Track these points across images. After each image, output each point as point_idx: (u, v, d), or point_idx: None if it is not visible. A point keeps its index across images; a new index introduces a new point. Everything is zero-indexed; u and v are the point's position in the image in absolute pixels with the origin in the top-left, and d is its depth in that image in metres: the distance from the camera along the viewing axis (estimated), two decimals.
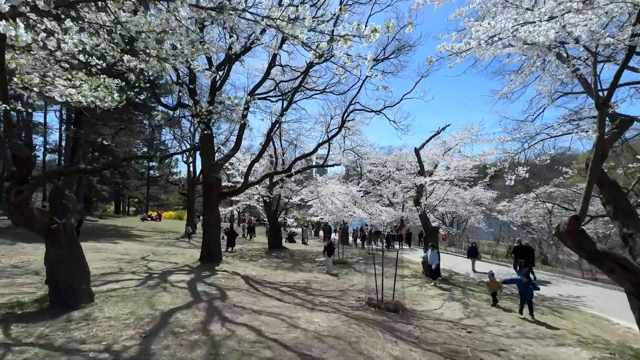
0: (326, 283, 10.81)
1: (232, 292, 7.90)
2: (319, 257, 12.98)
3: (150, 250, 14.86)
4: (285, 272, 12.28)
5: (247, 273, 11.13)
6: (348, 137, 19.25)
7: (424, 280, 11.94)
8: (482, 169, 12.86)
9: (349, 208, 19.68)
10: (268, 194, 17.50)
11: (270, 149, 19.77)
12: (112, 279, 8.03)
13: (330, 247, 13.26)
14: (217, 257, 12.39)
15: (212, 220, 12.17)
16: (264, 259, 15.68)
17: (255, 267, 12.99)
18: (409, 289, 10.60)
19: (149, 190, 43.18)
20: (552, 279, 13.52)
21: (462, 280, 12.79)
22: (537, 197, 18.78)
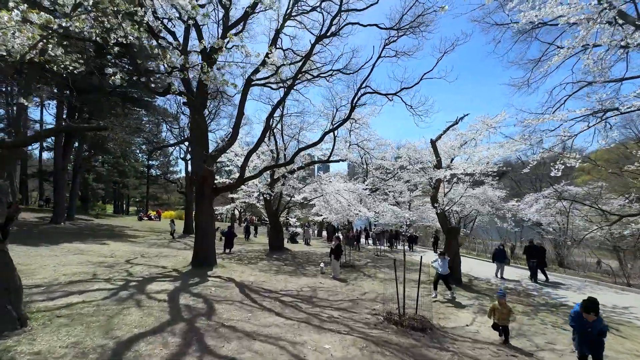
0: (334, 291, 9.29)
1: (222, 306, 6.39)
2: (323, 263, 11.46)
3: (140, 252, 13.39)
4: (287, 277, 10.76)
5: (244, 279, 9.62)
6: (354, 131, 17.74)
7: (444, 288, 10.38)
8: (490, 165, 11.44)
9: (354, 207, 18.18)
10: (269, 192, 16.00)
11: (271, 144, 18.31)
12: (77, 289, 6.53)
13: (338, 250, 11.73)
14: (211, 260, 10.89)
15: (205, 219, 10.68)
16: (264, 261, 14.16)
17: (254, 271, 11.48)
18: (427, 298, 9.05)
19: (148, 189, 41.80)
20: (584, 285, 11.93)
21: (485, 286, 11.22)
22: (560, 195, 17.20)
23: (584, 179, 34.60)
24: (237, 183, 10.44)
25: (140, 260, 11.32)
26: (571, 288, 11.39)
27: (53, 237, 15.14)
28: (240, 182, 10.38)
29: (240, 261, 13.61)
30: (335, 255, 11.60)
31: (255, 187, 16.20)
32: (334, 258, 11.59)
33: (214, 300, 6.74)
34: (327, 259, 15.61)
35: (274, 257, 15.49)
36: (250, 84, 11.46)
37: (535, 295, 10.25)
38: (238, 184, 10.58)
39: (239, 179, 10.29)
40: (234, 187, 10.93)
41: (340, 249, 11.88)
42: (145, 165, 40.78)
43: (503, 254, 12.39)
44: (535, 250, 12.29)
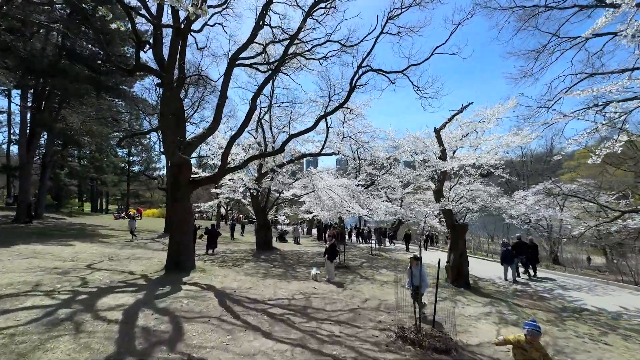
0: (330, 298, 7.95)
1: (193, 326, 4.94)
2: (315, 269, 10.12)
3: (109, 254, 11.68)
4: (276, 282, 9.35)
5: (226, 285, 8.16)
6: (348, 123, 16.45)
7: (453, 291, 9.21)
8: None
9: (348, 203, 16.91)
10: (256, 187, 14.50)
11: (258, 136, 16.78)
12: (3, 306, 4.94)
13: (333, 250, 10.41)
14: (188, 263, 9.36)
15: (181, 216, 9.14)
16: (251, 263, 12.68)
17: (239, 275, 10.01)
18: (440, 305, 7.85)
19: (129, 186, 39.30)
20: (594, 285, 11.04)
21: (493, 288, 10.13)
22: (560, 190, 16.43)
23: (570, 175, 34.67)
24: (218, 174, 8.93)
25: (105, 265, 9.66)
26: (582, 289, 10.46)
27: (9, 238, 13.20)
28: (222, 173, 8.87)
29: (224, 263, 12.09)
30: (330, 256, 10.29)
31: (241, 181, 14.67)
32: (328, 259, 10.27)
33: (184, 317, 5.28)
34: (320, 259, 14.28)
35: (261, 258, 14.03)
36: (235, 64, 9.96)
37: (549, 297, 9.23)
38: (219, 176, 9.07)
39: (220, 169, 8.79)
40: (215, 179, 9.42)
41: (335, 249, 10.58)
42: (126, 161, 38.29)
43: (512, 254, 11.23)
44: (525, 246, 11.98)
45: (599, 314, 7.76)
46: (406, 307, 7.61)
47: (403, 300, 8.25)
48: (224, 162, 8.73)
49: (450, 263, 9.88)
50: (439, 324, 6.20)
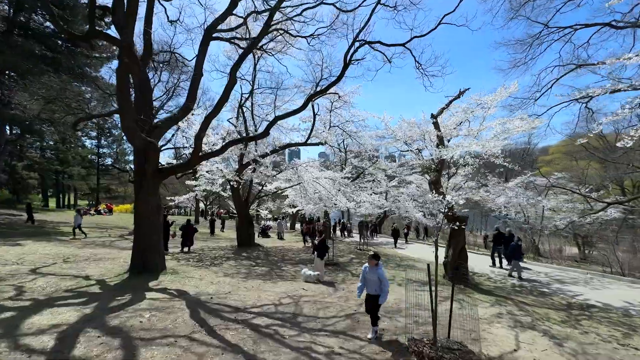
0: (322, 301, 6.92)
1: (153, 351, 3.74)
2: (307, 269, 9.06)
3: (64, 255, 10.06)
4: (261, 284, 8.21)
5: (201, 291, 6.92)
6: (335, 112, 15.34)
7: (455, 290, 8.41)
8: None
9: (334, 196, 15.93)
10: (236, 179, 13.16)
11: (240, 125, 15.37)
12: None
13: (323, 246, 9.38)
14: (156, 265, 8.02)
15: (148, 210, 7.76)
16: (231, 261, 11.43)
17: (217, 276, 8.78)
18: (444, 306, 7.02)
19: (99, 180, 36.38)
20: (589, 279, 10.68)
21: (491, 284, 9.47)
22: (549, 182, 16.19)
23: (545, 169, 35.52)
24: (191, 160, 7.57)
25: (55, 268, 8.12)
26: (579, 282, 10.04)
27: None
28: (195, 158, 7.53)
29: (200, 262, 10.77)
30: (320, 252, 9.26)
31: (220, 173, 13.28)
32: (317, 257, 9.23)
33: (142, 339, 4.05)
34: (307, 255, 13.22)
35: (243, 256, 12.79)
36: (211, 36, 8.58)
37: (549, 293, 8.66)
38: (193, 162, 7.72)
39: (193, 154, 7.44)
40: (188, 166, 8.07)
41: (325, 244, 9.56)
42: (95, 153, 35.32)
43: (520, 250, 10.34)
44: (503, 238, 12.06)
45: (607, 310, 7.21)
46: (407, 310, 6.73)
47: (402, 301, 7.38)
48: (197, 145, 7.39)
49: (448, 259, 9.10)
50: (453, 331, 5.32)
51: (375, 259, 4.96)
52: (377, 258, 4.99)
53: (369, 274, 4.95)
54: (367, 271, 5.01)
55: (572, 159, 33.19)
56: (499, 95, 8.83)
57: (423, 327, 5.58)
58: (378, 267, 4.92)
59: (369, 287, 4.98)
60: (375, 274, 4.86)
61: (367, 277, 4.99)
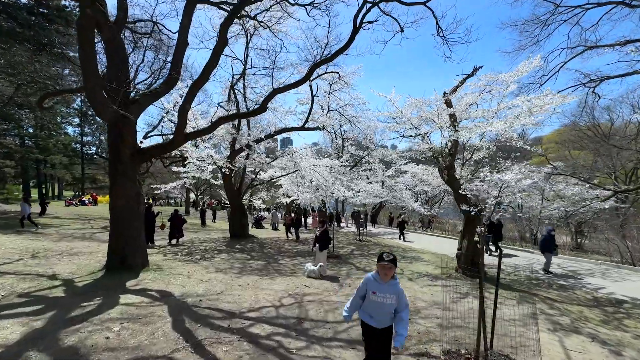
0: (329, 301, 5.97)
1: None
2: (310, 264, 8.07)
3: (34, 250, 8.84)
4: (257, 280, 7.22)
5: (189, 291, 5.88)
6: (333, 94, 14.19)
7: (470, 284, 7.59)
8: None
9: (332, 184, 14.95)
10: (228, 166, 11.99)
11: (231, 108, 14.09)
12: None
13: (325, 237, 8.40)
14: (138, 260, 6.91)
15: (125, 198, 6.60)
16: (223, 254, 10.39)
17: (208, 271, 7.74)
18: (464, 304, 6.17)
19: (83, 169, 34.44)
20: (605, 269, 10.06)
21: (506, 277, 8.70)
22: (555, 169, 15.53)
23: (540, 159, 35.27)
24: (175, 140, 6.37)
25: (19, 266, 6.93)
26: (595, 274, 9.40)
27: None
28: (180, 137, 6.34)
29: (190, 256, 9.68)
30: (322, 244, 8.29)
31: (211, 159, 12.07)
32: (319, 249, 8.26)
33: None
34: (304, 247, 12.26)
35: (236, 248, 11.75)
36: None
37: (569, 286, 7.94)
38: (177, 141, 6.52)
39: (177, 131, 6.25)
40: (172, 146, 6.87)
41: (327, 236, 8.59)
42: (78, 141, 33.29)
43: (553, 241, 9.29)
44: (492, 225, 12.27)
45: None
46: (425, 310, 5.87)
47: (418, 299, 6.52)
48: (182, 121, 6.20)
49: (462, 251, 8.25)
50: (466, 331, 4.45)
51: (394, 266, 2.65)
52: (395, 263, 2.67)
53: (379, 292, 2.68)
54: (373, 286, 2.74)
55: (566, 148, 32.94)
56: (521, 70, 7.86)
57: (451, 331, 4.68)
58: (395, 281, 2.73)
59: (374, 313, 2.75)
60: (392, 293, 2.67)
61: (374, 299, 2.71)
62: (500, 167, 9.48)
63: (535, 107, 6.92)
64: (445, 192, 32.38)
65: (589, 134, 29.69)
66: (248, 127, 13.66)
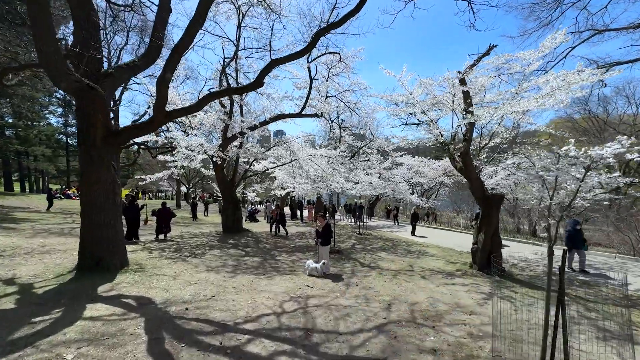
0: (338, 305, 5.13)
1: None
2: (312, 261, 7.20)
3: (2, 247, 7.73)
4: (253, 280, 6.32)
5: (173, 296, 4.94)
6: (332, 80, 13.18)
7: (490, 282, 6.83)
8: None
9: (331, 175, 14.06)
10: (219, 154, 10.96)
11: None
12: None
13: (328, 231, 7.53)
14: (115, 259, 5.93)
15: (99, 187, 5.58)
16: (215, 250, 9.44)
17: (198, 270, 6.80)
18: (483, 308, 5.41)
19: (69, 161, 32.69)
20: (622, 263, 9.47)
21: (524, 273, 7.99)
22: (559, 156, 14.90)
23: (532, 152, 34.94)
24: (155, 119, 5.31)
25: None
26: (614, 268, 8.78)
27: None
28: (160, 115, 5.28)
29: (178, 253, 8.71)
30: (324, 239, 7.41)
31: (200, 147, 11.01)
32: (321, 244, 7.39)
33: None
34: (301, 241, 11.37)
35: (229, 243, 10.80)
36: None
37: (593, 283, 7.29)
38: (157, 121, 5.46)
39: (156, 107, 5.20)
40: (151, 126, 5.79)
41: (330, 230, 7.71)
42: (63, 132, 31.49)
43: (581, 236, 8.01)
44: None
45: None
46: (449, 314, 5.08)
47: (437, 300, 5.73)
48: (162, 94, 5.14)
49: (478, 245, 7.48)
50: (511, 340, 3.66)
51: None
52: None
53: None
54: None
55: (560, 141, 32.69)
56: (546, 46, 7.02)
57: (485, 342, 3.89)
58: None
59: None
60: None
61: None
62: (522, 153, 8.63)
63: (572, 84, 6.07)
64: (441, 184, 31.96)
65: (585, 125, 29.40)
66: (241, 114, 12.60)
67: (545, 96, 5.94)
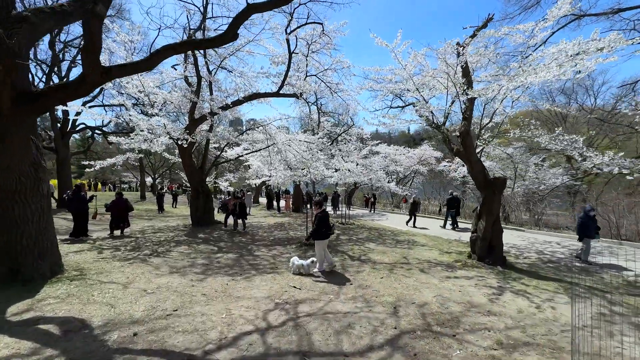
0: (335, 312, 4.14)
1: None
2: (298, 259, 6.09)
3: None
4: (229, 283, 5.15)
5: (119, 313, 3.66)
6: (313, 57, 11.88)
7: (494, 273, 6.18)
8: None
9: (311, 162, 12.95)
10: (185, 137, 9.41)
11: (188, 68, 11.22)
12: None
13: (326, 222, 6.32)
14: (42, 266, 4.46)
15: (12, 173, 4.04)
16: (183, 247, 8.06)
17: (159, 274, 5.48)
18: (495, 306, 4.71)
19: None
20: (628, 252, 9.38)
21: (527, 261, 7.51)
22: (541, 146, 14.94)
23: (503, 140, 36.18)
24: (85, 77, 3.79)
25: None
26: (603, 253, 8.59)
27: None
28: (93, 74, 3.76)
29: (136, 252, 7.23)
30: (316, 232, 6.24)
31: (162, 128, 9.36)
32: (318, 238, 6.18)
33: None
34: (281, 233, 10.12)
35: (199, 238, 9.41)
36: None
37: (593, 270, 6.95)
38: (90, 79, 3.93)
39: (86, 58, 3.69)
40: (83, 88, 4.24)
41: (323, 222, 6.44)
42: None
43: (595, 223, 7.22)
44: (455, 201, 12.48)
45: None
46: (466, 316, 4.29)
47: (448, 300, 4.93)
48: (93, 37, 3.63)
49: (478, 233, 6.83)
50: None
51: None
52: None
53: None
54: None
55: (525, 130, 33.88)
56: (553, 14, 6.31)
57: (521, 355, 3.09)
58: None
59: None
60: None
61: None
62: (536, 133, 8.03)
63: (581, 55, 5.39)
64: (416, 172, 32.06)
65: (547, 115, 30.61)
66: (210, 91, 11.01)
67: (567, 62, 5.20)
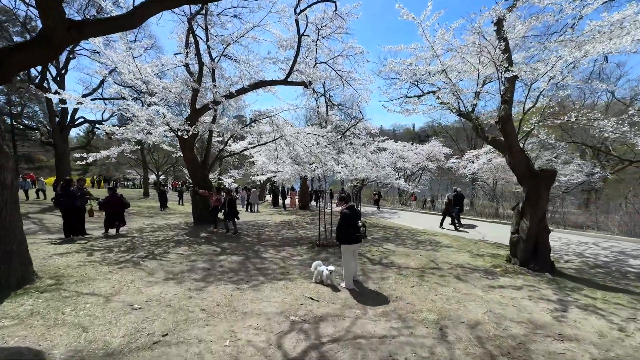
0: (365, 333, 3.21)
1: None
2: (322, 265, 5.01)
3: None
4: (233, 294, 4.25)
5: (91, 340, 2.76)
6: (323, 43, 10.89)
7: (545, 283, 5.21)
8: None
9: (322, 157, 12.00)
10: (186, 128, 8.53)
11: (190, 56, 10.32)
12: None
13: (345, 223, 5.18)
14: (7, 273, 3.58)
15: None
16: (182, 247, 7.19)
17: (152, 281, 4.61)
18: (571, 323, 3.73)
19: (16, 147, 27.95)
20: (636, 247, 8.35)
21: (571, 265, 6.51)
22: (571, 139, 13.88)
23: None
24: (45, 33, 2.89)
25: None
26: None
27: None
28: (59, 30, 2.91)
29: (129, 254, 6.37)
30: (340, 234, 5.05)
31: (162, 118, 8.49)
32: (346, 242, 4.89)
33: None
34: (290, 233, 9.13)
35: (201, 238, 8.54)
36: None
37: (632, 275, 5.95)
38: (56, 43, 3.00)
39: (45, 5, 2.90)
40: (45, 50, 3.35)
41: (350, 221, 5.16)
42: (6, 113, 26.64)
43: None
44: (460, 198, 11.98)
45: None
46: (534, 342, 3.35)
47: (504, 318, 3.99)
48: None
49: (520, 234, 5.84)
50: None
51: None
52: None
53: None
54: None
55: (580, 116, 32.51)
56: None
57: None
58: None
59: None
60: None
61: None
62: None
63: None
64: (424, 169, 30.91)
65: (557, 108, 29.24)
66: (213, 79, 10.09)
67: None
